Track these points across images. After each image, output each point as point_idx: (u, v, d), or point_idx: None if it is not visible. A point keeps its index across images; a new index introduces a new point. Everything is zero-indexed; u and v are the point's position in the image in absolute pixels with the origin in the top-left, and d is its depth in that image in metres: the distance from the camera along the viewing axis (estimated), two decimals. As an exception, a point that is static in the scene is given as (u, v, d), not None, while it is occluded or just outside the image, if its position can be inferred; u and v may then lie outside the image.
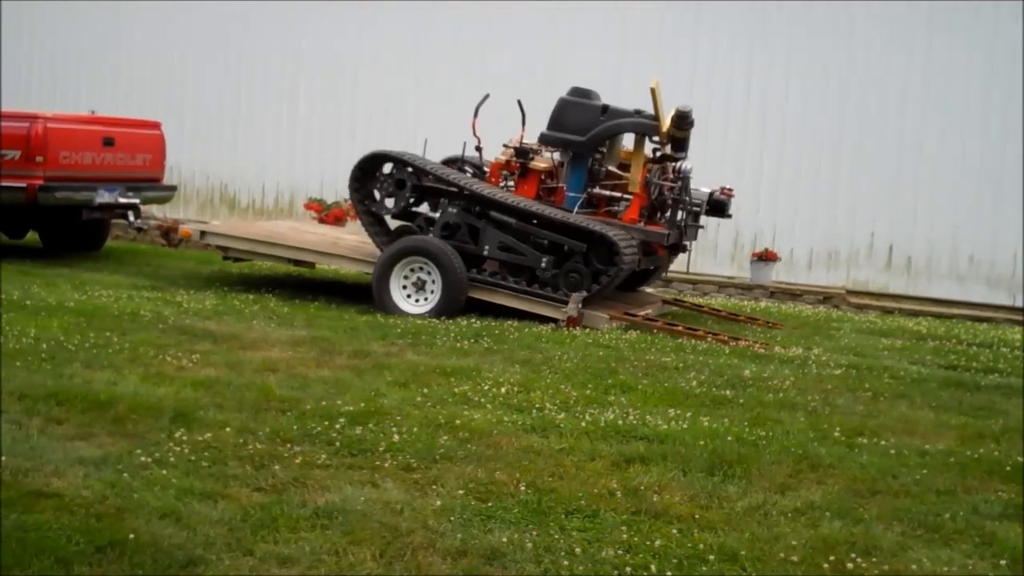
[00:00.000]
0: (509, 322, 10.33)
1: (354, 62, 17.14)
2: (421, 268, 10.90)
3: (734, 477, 5.87)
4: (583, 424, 6.72)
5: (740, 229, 15.21)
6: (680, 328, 10.68)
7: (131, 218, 13.60)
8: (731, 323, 11.55)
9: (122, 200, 13.34)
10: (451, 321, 10.29)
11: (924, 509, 5.52)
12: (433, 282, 10.85)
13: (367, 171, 11.62)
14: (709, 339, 10.26)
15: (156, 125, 14.26)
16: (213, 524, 4.78)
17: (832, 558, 4.81)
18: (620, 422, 6.81)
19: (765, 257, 14.66)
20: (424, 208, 11.85)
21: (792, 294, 14.53)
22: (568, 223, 10.88)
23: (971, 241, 14.44)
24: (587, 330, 10.21)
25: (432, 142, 11.95)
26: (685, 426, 6.80)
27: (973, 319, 13.58)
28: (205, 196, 18.30)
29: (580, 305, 10.50)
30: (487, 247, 11.08)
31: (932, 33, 14.40)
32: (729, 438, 6.56)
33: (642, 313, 11.15)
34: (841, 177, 14.85)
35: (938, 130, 14.43)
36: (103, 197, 13.11)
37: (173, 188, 14.95)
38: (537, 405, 7.16)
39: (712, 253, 15.37)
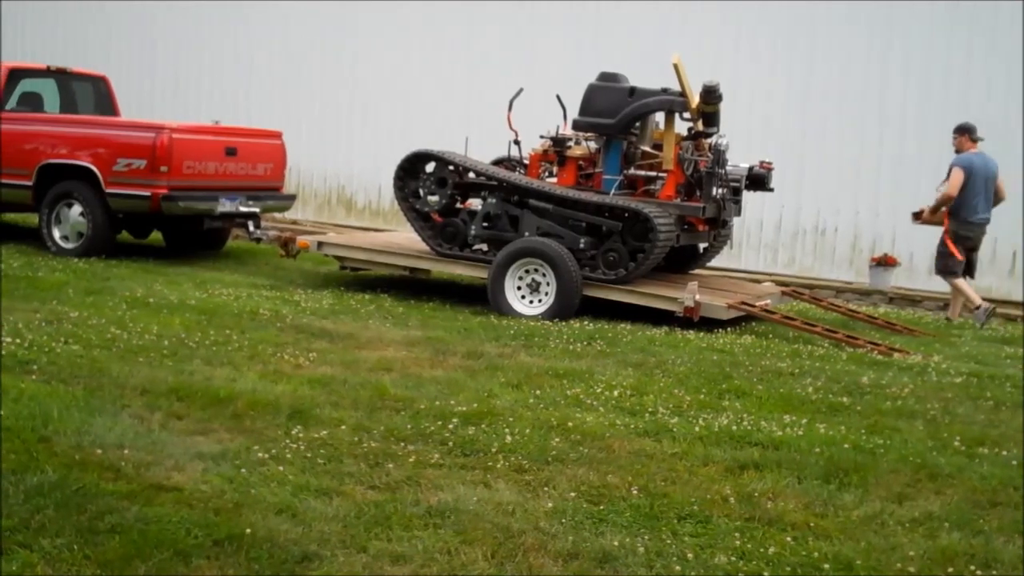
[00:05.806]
0: (622, 325, 10.31)
1: (467, 64, 17.27)
2: (536, 270, 10.93)
3: (850, 485, 5.79)
4: (696, 429, 6.68)
5: (859, 233, 14.97)
6: (798, 322, 10.56)
7: (251, 228, 13.78)
8: (852, 326, 11.30)
9: (243, 209, 13.53)
10: (564, 323, 10.30)
11: (1047, 522, 5.38)
12: (548, 284, 10.87)
13: (410, 170, 11.86)
14: (822, 334, 10.22)
15: (277, 135, 14.41)
16: (328, 521, 4.84)
17: (951, 570, 4.71)
18: (734, 427, 6.76)
19: (884, 262, 14.37)
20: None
21: (912, 300, 14.23)
22: (603, 204, 11.06)
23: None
24: (701, 332, 10.13)
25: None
26: (800, 433, 6.72)
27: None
28: (323, 197, 18.60)
29: (696, 295, 10.43)
30: (527, 232, 11.26)
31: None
32: (846, 446, 6.47)
33: (760, 303, 11.05)
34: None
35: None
36: (224, 206, 13.30)
37: (292, 197, 15.12)
38: (650, 409, 7.14)
39: (830, 258, 15.15)
